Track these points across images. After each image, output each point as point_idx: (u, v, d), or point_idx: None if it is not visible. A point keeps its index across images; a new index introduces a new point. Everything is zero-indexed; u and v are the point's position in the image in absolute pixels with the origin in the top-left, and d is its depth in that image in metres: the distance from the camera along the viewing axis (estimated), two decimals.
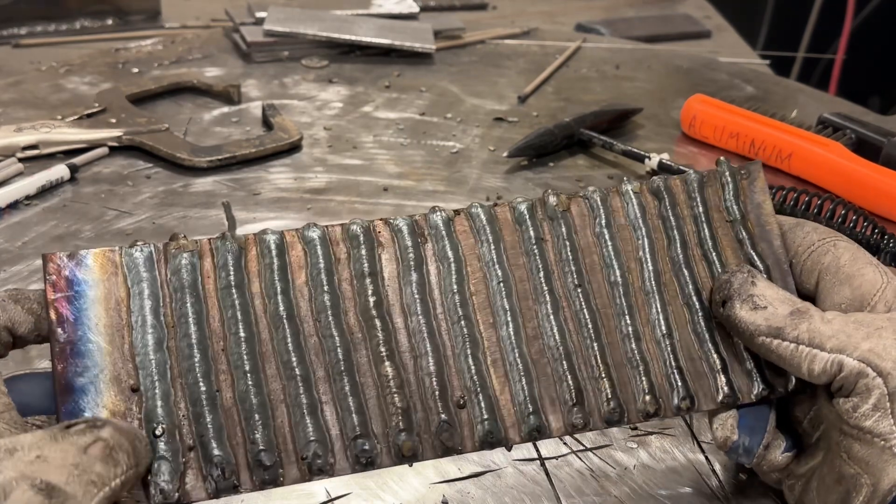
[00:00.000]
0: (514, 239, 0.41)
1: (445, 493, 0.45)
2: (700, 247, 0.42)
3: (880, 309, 0.39)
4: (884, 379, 0.35)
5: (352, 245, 0.39)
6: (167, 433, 0.34)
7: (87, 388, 0.34)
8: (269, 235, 0.38)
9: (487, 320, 0.39)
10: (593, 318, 0.40)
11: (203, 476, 0.34)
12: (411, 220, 0.40)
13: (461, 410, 0.37)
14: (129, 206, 0.70)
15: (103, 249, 0.36)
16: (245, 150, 0.77)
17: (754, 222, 0.43)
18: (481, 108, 0.92)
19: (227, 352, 0.36)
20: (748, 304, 0.38)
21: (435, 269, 0.39)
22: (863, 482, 0.36)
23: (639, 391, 0.39)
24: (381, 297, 0.38)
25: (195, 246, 0.37)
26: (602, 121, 0.85)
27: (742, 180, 0.44)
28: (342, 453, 0.36)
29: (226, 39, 1.07)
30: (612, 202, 0.42)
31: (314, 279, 0.38)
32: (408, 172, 0.78)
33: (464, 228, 0.40)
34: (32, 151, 0.75)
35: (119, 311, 0.35)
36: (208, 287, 0.37)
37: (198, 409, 0.35)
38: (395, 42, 1.02)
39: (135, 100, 0.86)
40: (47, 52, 1.03)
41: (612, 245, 0.41)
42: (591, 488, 0.46)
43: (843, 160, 0.75)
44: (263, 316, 0.37)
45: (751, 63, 1.16)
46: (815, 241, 0.42)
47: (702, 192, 0.43)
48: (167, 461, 0.33)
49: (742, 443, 0.40)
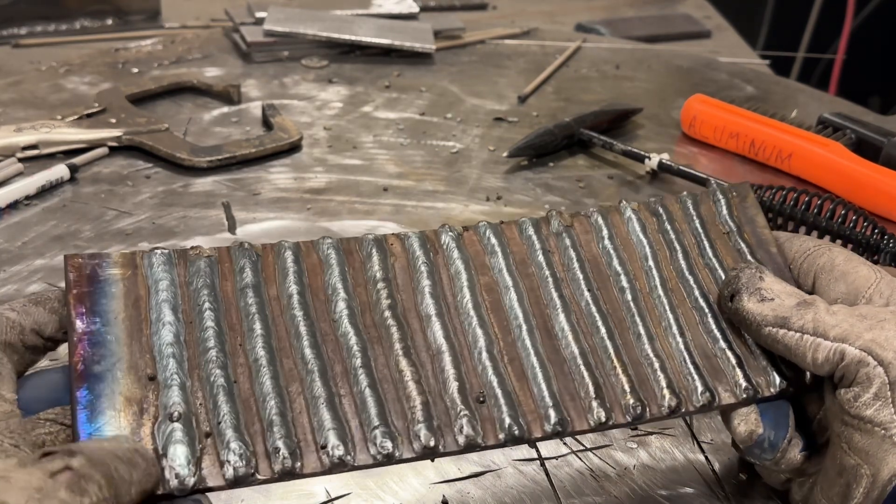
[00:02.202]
0: (521, 251, 0.42)
1: (445, 493, 0.45)
2: (701, 257, 0.44)
3: (876, 301, 0.39)
4: (885, 368, 0.35)
5: (365, 255, 0.40)
6: (184, 418, 0.33)
7: (104, 375, 0.34)
8: (285, 243, 0.40)
9: (501, 323, 0.40)
10: (605, 320, 0.41)
11: (220, 462, 0.33)
12: (422, 234, 0.42)
13: (481, 405, 0.37)
14: (129, 206, 0.70)
15: (124, 252, 0.37)
16: (245, 150, 0.77)
17: (750, 234, 0.45)
18: (481, 108, 0.92)
19: (244, 347, 0.36)
20: (756, 296, 0.39)
21: (447, 277, 0.41)
22: (863, 472, 0.36)
23: (658, 387, 0.39)
24: (395, 301, 0.39)
25: (213, 252, 0.38)
26: (602, 121, 0.85)
27: (734, 198, 0.46)
28: (362, 444, 0.35)
29: (226, 39, 1.07)
30: (613, 219, 0.44)
31: (330, 284, 0.39)
32: (408, 172, 0.78)
33: (473, 242, 0.42)
34: (32, 151, 0.75)
35: (138, 307, 0.36)
36: (226, 288, 0.38)
37: (215, 398, 0.34)
38: (395, 42, 1.02)
39: (135, 100, 0.86)
40: (47, 52, 1.03)
41: (618, 256, 0.43)
42: (591, 488, 0.46)
43: (843, 160, 0.75)
44: (280, 317, 0.38)
45: (751, 63, 1.16)
46: (810, 246, 0.43)
47: (697, 208, 0.46)
48: (183, 445, 0.33)
49: (767, 436, 0.40)
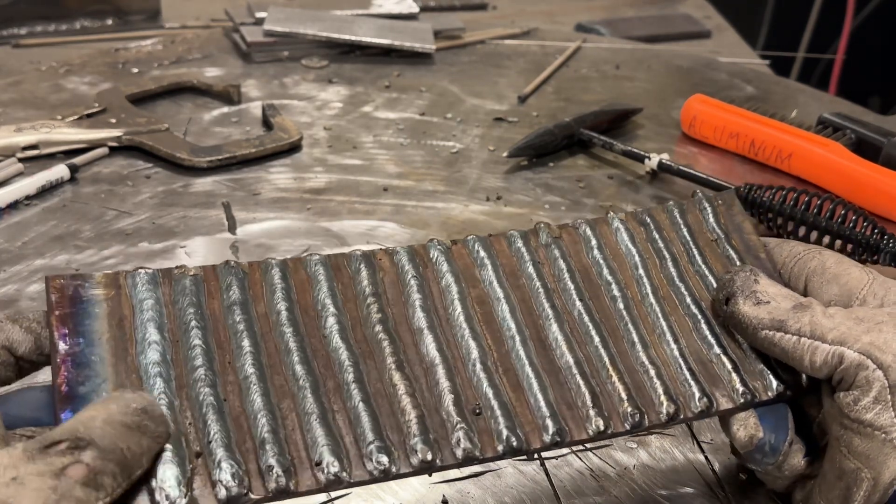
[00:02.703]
0: (511, 263, 0.42)
1: (445, 493, 0.45)
2: (691, 264, 0.44)
3: (870, 302, 0.39)
4: (884, 371, 0.35)
5: (354, 271, 0.40)
6: (173, 439, 0.32)
7: (89, 396, 0.33)
8: (272, 261, 0.39)
9: (494, 334, 0.39)
10: (599, 329, 0.40)
11: (212, 482, 0.32)
12: (410, 248, 0.41)
13: (478, 417, 0.36)
14: (129, 206, 0.70)
15: (106, 273, 0.36)
16: (245, 150, 0.77)
17: (738, 240, 0.45)
18: (481, 108, 0.92)
19: (234, 364, 0.35)
20: (751, 299, 0.39)
21: (437, 291, 0.40)
22: (863, 476, 0.36)
23: (655, 395, 0.39)
24: (386, 315, 0.39)
25: (199, 270, 0.38)
26: (602, 121, 0.85)
27: (719, 206, 0.46)
28: (358, 460, 0.34)
29: (226, 39, 1.07)
30: (601, 229, 0.44)
31: (319, 300, 0.38)
32: (408, 172, 0.78)
33: (462, 255, 0.42)
34: (32, 151, 0.75)
35: (122, 326, 0.35)
36: (213, 306, 0.37)
37: (205, 417, 0.33)
38: (395, 42, 1.02)
39: (135, 100, 0.86)
40: (47, 52, 1.03)
41: (608, 265, 0.43)
42: (591, 488, 0.46)
43: (843, 160, 0.75)
44: (269, 333, 0.37)
45: (751, 63, 1.16)
46: (800, 251, 0.43)
47: (684, 217, 0.46)
48: (173, 466, 0.32)
49: (768, 440, 0.39)
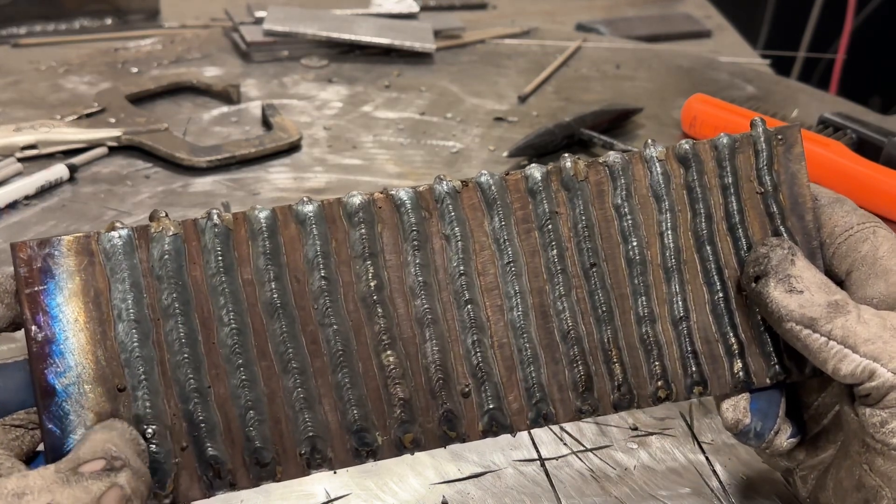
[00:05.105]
0: (525, 213, 0.38)
1: (445, 493, 0.45)
2: (726, 220, 0.39)
3: None
4: None
5: (350, 223, 0.36)
6: (158, 435, 0.32)
7: (69, 389, 0.32)
8: (259, 212, 0.35)
9: (495, 303, 0.37)
10: (607, 300, 0.38)
11: (198, 476, 0.33)
12: (415, 192, 0.36)
13: (465, 399, 0.36)
14: (129, 205, 0.70)
15: (77, 235, 0.32)
16: (244, 149, 0.77)
17: (786, 194, 0.40)
18: (481, 107, 0.92)
19: (218, 345, 0.34)
20: (784, 284, 0.36)
21: (440, 247, 0.36)
22: (883, 494, 0.35)
23: (651, 376, 0.38)
24: (382, 281, 0.36)
25: (178, 228, 0.34)
26: (602, 120, 0.85)
27: (777, 146, 0.40)
28: (342, 447, 0.35)
29: (225, 39, 1.07)
30: (635, 170, 0.39)
31: (310, 262, 0.35)
32: (407, 172, 0.78)
33: (472, 202, 0.37)
34: (31, 151, 0.75)
35: (99, 303, 0.32)
36: (195, 274, 0.34)
37: (189, 407, 0.33)
38: (394, 42, 1.02)
39: (134, 100, 0.86)
40: (46, 51, 1.03)
41: (632, 218, 0.39)
42: (592, 489, 0.46)
43: (843, 160, 0.75)
44: (256, 304, 0.35)
45: (751, 63, 1.16)
46: (853, 223, 0.38)
47: (732, 159, 0.39)
48: (159, 463, 0.32)
49: (754, 427, 0.38)
